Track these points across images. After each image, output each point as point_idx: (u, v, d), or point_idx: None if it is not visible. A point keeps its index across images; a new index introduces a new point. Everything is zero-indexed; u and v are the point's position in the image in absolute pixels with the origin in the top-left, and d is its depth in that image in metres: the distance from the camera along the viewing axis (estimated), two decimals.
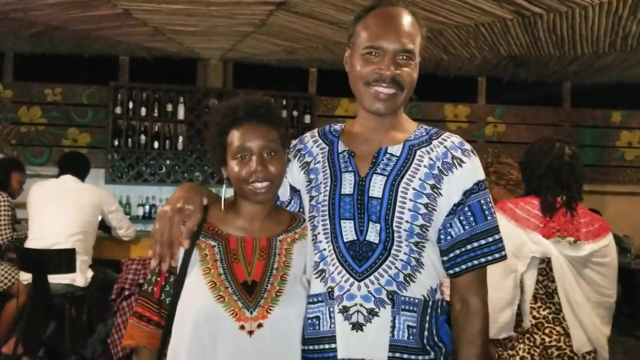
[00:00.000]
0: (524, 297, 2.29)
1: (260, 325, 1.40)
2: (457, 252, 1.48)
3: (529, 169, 2.49)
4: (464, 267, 1.48)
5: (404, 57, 1.46)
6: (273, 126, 1.51)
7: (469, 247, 1.48)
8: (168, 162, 6.35)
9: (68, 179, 4.11)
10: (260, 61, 6.58)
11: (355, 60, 1.50)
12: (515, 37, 5.38)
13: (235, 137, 1.48)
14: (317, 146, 1.59)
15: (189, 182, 5.75)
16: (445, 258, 1.49)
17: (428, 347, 1.42)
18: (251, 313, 1.40)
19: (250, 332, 1.39)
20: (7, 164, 4.68)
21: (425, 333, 1.42)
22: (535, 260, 2.29)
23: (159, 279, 1.48)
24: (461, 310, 1.49)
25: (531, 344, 2.29)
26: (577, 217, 2.38)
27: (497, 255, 1.50)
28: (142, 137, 6.27)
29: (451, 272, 1.50)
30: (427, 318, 1.43)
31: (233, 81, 6.84)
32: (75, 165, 4.22)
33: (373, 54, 1.46)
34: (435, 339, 1.44)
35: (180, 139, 6.35)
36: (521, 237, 2.30)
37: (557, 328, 2.29)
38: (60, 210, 3.91)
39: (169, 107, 6.30)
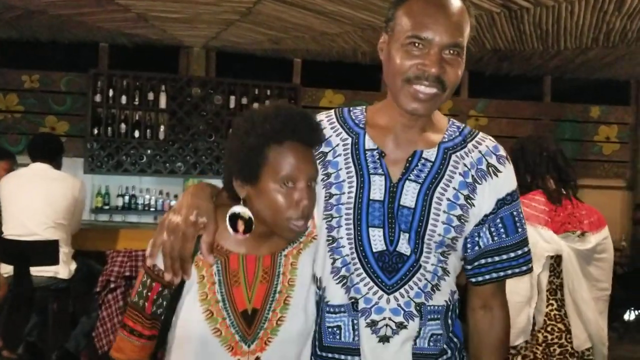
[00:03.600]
0: (540, 296, 2.27)
1: (257, 359, 1.32)
2: (483, 262, 1.42)
3: (524, 162, 2.45)
4: (487, 277, 1.42)
5: (452, 52, 1.29)
6: (315, 150, 1.36)
7: (496, 258, 1.41)
8: (149, 151, 6.24)
9: (39, 168, 3.91)
10: (245, 50, 6.50)
11: (394, 51, 1.31)
12: (500, 30, 5.39)
13: (281, 156, 1.26)
14: (336, 135, 1.43)
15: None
16: (468, 267, 1.43)
17: (445, 346, 1.39)
18: (249, 346, 1.31)
19: None
20: None
21: (447, 334, 1.40)
22: (549, 259, 2.29)
23: (149, 293, 1.34)
24: (484, 317, 1.45)
25: (534, 341, 2.28)
26: (578, 209, 2.39)
27: (524, 268, 1.44)
28: (123, 125, 6.15)
29: (473, 280, 1.44)
30: (449, 322, 1.40)
31: (216, 70, 6.74)
32: (45, 151, 3.96)
33: (417, 44, 1.28)
34: (451, 335, 1.41)
35: (162, 128, 6.24)
36: (532, 236, 2.27)
37: (559, 325, 2.29)
38: (33, 201, 3.74)
39: (150, 96, 6.20)
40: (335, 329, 1.37)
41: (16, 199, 3.81)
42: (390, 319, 1.33)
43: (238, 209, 1.32)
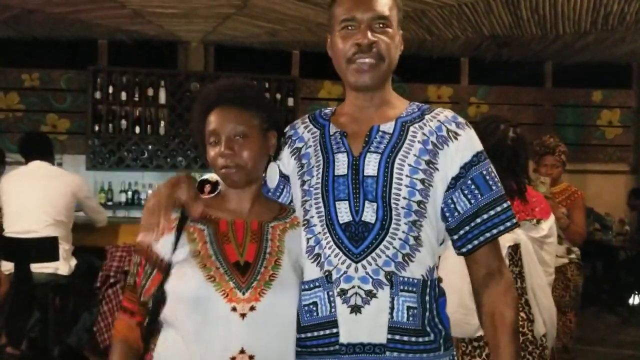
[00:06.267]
0: None
1: (252, 308, 1.35)
2: (467, 228, 1.44)
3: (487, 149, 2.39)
4: (476, 242, 1.44)
5: (380, 25, 1.44)
6: (246, 109, 1.48)
7: (478, 220, 1.44)
8: (150, 147, 6.27)
9: (38, 165, 3.96)
10: (242, 44, 6.50)
11: (335, 40, 1.48)
12: (498, 16, 5.37)
13: (208, 122, 1.48)
14: (308, 131, 1.56)
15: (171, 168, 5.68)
16: (455, 237, 1.46)
17: (428, 329, 1.40)
18: (243, 294, 1.36)
19: (243, 315, 1.34)
20: None
21: (427, 314, 1.40)
22: (508, 249, 2.26)
23: (139, 268, 1.45)
24: (493, 282, 1.46)
25: None
26: (529, 197, 2.38)
27: (508, 224, 1.46)
28: (123, 122, 6.18)
29: (464, 250, 1.46)
30: (427, 298, 1.41)
31: (215, 64, 6.75)
32: (39, 149, 4.03)
33: (349, 27, 1.45)
34: (436, 319, 1.42)
35: (162, 123, 6.26)
36: None
37: (521, 314, 2.26)
38: (33, 199, 3.79)
39: (150, 91, 6.21)
40: (311, 306, 1.40)
41: (16, 197, 3.86)
42: (359, 287, 1.36)
43: (207, 175, 1.56)
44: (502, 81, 7.34)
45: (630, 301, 6.34)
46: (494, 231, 1.45)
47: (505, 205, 1.46)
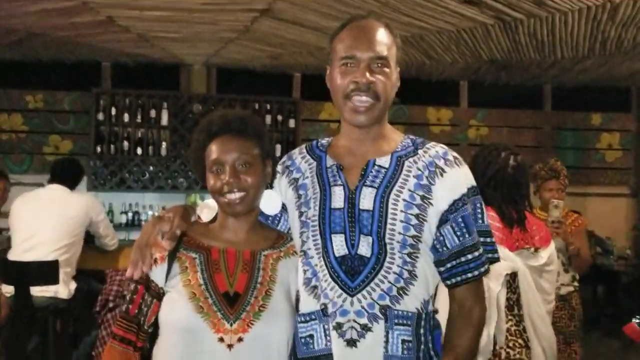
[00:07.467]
0: (500, 315, 2.24)
1: (240, 340, 1.38)
2: (454, 263, 1.47)
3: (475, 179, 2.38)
4: (459, 279, 1.48)
5: (379, 65, 1.49)
6: (249, 139, 1.53)
7: (463, 259, 1.47)
8: (151, 168, 6.29)
9: (55, 188, 4.00)
10: (244, 66, 6.56)
11: (334, 74, 1.53)
12: (496, 41, 5.42)
13: (210, 151, 1.52)
14: (305, 162, 1.60)
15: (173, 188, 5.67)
16: (442, 269, 1.49)
17: None
18: (231, 325, 1.39)
19: (230, 346, 1.37)
20: None
21: (422, 346, 1.42)
22: (506, 277, 2.27)
23: (135, 296, 1.47)
24: (460, 312, 1.49)
25: (497, 359, 2.25)
26: (529, 225, 2.38)
27: (490, 255, 1.55)
28: (125, 143, 6.21)
29: (449, 282, 1.49)
30: (422, 331, 1.43)
31: (217, 87, 6.80)
32: (65, 173, 4.09)
33: (349, 64, 1.49)
34: (431, 352, 1.44)
35: (164, 144, 6.30)
36: None
37: (519, 340, 2.28)
38: (46, 222, 3.82)
39: (152, 113, 6.25)
40: (308, 338, 1.43)
41: (27, 219, 3.86)
42: (354, 321, 1.39)
43: (207, 201, 1.60)
44: (501, 104, 7.38)
45: None
46: (475, 273, 1.48)
47: (488, 239, 1.54)
